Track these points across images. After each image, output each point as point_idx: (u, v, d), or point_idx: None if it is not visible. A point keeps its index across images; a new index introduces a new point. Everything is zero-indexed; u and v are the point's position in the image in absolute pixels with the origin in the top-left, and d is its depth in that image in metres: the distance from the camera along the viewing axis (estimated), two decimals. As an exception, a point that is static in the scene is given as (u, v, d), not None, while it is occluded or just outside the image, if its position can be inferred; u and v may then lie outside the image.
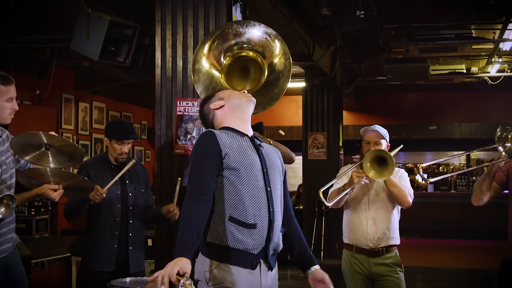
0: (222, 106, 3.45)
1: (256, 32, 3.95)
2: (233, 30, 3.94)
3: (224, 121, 3.43)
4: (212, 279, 3.19)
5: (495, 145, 4.22)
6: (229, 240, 3.16)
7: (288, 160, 5.11)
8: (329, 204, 4.74)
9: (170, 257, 5.13)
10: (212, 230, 3.19)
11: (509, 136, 4.20)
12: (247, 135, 3.40)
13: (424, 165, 4.93)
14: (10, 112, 3.99)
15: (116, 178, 4.65)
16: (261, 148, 3.38)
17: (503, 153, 4.20)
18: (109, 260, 4.69)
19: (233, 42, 3.91)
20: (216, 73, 3.89)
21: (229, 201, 3.19)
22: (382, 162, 4.65)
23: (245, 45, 3.89)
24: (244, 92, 3.57)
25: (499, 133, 4.18)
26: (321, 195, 4.71)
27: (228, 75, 3.87)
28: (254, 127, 4.62)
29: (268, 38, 3.93)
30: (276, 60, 3.91)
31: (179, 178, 4.80)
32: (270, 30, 3.97)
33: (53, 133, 3.99)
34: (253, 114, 3.60)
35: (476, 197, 4.55)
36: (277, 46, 3.94)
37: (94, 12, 6.80)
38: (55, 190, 3.92)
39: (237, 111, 3.44)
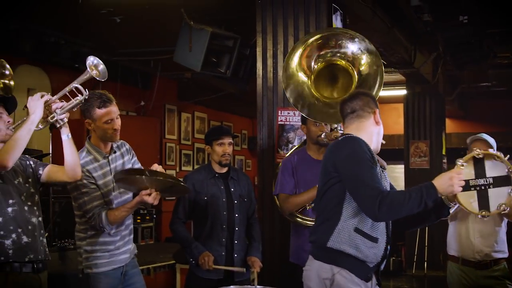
0: (378, 123, 3.44)
1: (354, 46, 3.91)
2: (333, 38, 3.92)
3: (366, 132, 3.40)
4: (336, 285, 3.20)
5: None
6: (351, 249, 3.17)
7: None
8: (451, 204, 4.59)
9: (272, 265, 5.18)
10: (335, 236, 3.19)
11: None
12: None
13: None
14: (112, 132, 4.02)
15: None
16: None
17: None
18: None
19: (328, 49, 3.87)
20: (304, 77, 3.88)
21: (356, 212, 3.19)
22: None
23: (338, 54, 3.85)
24: None
25: None
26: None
27: (317, 80, 3.84)
28: None
29: (364, 53, 3.90)
30: (367, 76, 3.87)
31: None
32: (369, 46, 3.91)
33: (156, 167, 3.98)
34: (329, 124, 3.63)
35: None
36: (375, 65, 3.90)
37: (196, 24, 6.95)
38: (149, 195, 3.90)
39: (378, 137, 3.45)
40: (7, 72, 3.35)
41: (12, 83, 3.45)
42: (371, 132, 3.42)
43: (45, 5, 7.07)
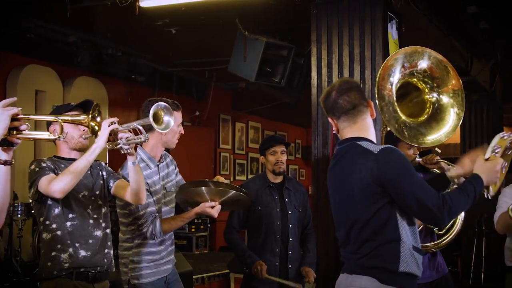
0: (373, 115, 3.23)
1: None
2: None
3: (370, 130, 3.20)
4: None
5: None
6: (416, 269, 3.07)
7: None
8: None
9: (326, 276, 5.15)
10: (403, 259, 3.03)
11: None
12: None
13: None
14: (178, 136, 4.12)
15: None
16: None
17: None
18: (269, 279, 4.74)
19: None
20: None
21: (409, 229, 3.07)
22: None
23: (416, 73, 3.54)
24: None
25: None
26: (510, 212, 4.54)
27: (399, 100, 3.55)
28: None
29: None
30: (444, 96, 3.58)
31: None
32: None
33: (219, 178, 4.07)
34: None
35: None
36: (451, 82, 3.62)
37: (250, 34, 6.98)
38: (212, 207, 4.00)
39: (373, 129, 3.26)
40: (98, 119, 3.40)
41: (97, 129, 3.49)
42: (373, 128, 3.22)
43: (103, 17, 7.21)
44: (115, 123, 3.48)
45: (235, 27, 7.05)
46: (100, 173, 3.88)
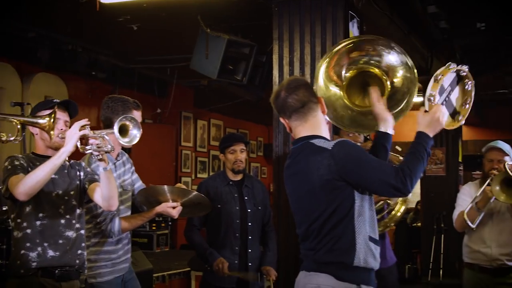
0: (324, 112, 3.25)
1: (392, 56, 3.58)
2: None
3: (322, 126, 3.21)
4: None
5: None
6: (372, 261, 3.07)
7: None
8: (474, 226, 4.64)
9: (288, 273, 5.17)
10: (359, 252, 3.03)
11: None
12: None
13: None
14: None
15: None
16: None
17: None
18: (230, 276, 4.74)
19: (362, 55, 3.54)
20: (335, 88, 3.51)
21: (367, 220, 3.08)
22: (511, 184, 4.50)
23: (372, 62, 3.55)
24: None
25: None
26: (466, 217, 4.62)
27: (349, 88, 3.56)
28: None
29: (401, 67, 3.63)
30: (400, 86, 3.57)
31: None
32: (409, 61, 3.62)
33: (180, 185, 4.14)
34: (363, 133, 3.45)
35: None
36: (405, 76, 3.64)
37: (213, 32, 6.97)
38: (174, 208, 4.02)
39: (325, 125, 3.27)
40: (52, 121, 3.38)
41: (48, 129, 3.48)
42: (325, 124, 3.24)
43: (63, 13, 7.12)
44: (87, 128, 3.42)
45: (197, 24, 7.03)
46: (78, 173, 3.82)
